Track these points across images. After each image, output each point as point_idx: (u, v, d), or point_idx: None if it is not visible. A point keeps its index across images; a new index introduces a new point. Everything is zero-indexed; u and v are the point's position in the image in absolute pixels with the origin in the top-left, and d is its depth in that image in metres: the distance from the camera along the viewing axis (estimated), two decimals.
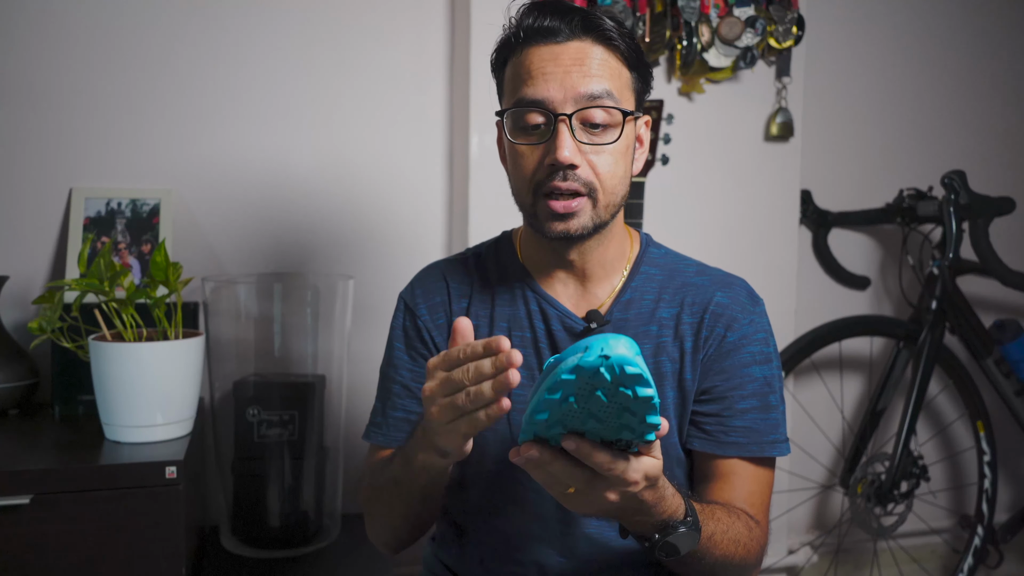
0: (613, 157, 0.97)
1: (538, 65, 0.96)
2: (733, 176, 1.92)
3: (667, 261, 1.10)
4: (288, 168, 1.80)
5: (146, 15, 1.71)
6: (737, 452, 1.03)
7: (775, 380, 1.06)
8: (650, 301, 1.06)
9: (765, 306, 1.09)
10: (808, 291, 2.22)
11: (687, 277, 1.08)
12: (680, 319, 1.05)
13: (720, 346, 1.04)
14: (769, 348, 1.07)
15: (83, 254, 1.37)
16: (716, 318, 1.04)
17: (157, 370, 1.33)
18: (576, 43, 0.96)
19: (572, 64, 0.95)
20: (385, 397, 1.13)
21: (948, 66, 2.38)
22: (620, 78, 0.98)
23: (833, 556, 2.30)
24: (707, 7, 1.78)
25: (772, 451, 1.04)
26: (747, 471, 1.03)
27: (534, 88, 0.96)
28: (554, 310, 1.06)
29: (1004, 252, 2.08)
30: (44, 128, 1.67)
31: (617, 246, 1.07)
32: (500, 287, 1.10)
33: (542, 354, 1.06)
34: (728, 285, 1.07)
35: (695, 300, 1.05)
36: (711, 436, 1.04)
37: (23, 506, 1.19)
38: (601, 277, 1.07)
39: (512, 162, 1.01)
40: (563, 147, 0.94)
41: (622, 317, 1.05)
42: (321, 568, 1.55)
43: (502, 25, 1.01)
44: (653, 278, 1.08)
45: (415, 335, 1.11)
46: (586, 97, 0.94)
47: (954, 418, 2.45)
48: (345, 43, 1.82)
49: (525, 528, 1.08)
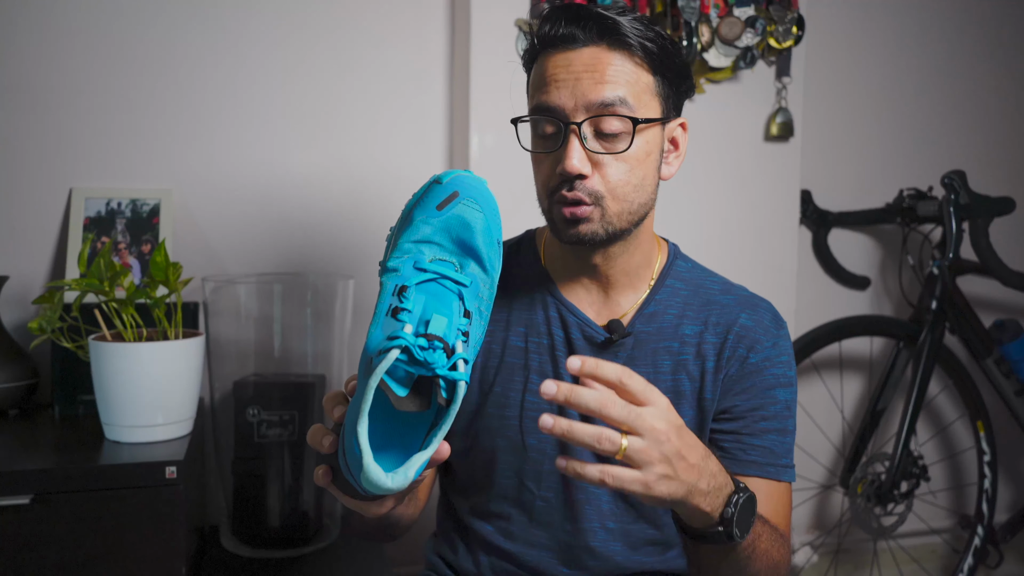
0: (627, 165, 0.95)
1: (552, 72, 0.95)
2: (733, 176, 1.92)
3: (693, 276, 1.09)
4: (288, 168, 1.80)
5: (146, 15, 1.71)
6: (755, 472, 1.02)
7: (793, 405, 1.05)
8: (674, 316, 1.05)
9: (788, 330, 1.08)
10: (808, 291, 2.22)
11: (712, 295, 1.07)
12: (703, 338, 1.04)
13: (742, 367, 1.03)
14: (791, 372, 1.05)
15: (83, 254, 1.37)
16: (739, 339, 1.03)
17: (157, 370, 1.33)
18: (591, 49, 0.94)
19: (584, 71, 0.93)
20: None
21: (948, 66, 2.38)
22: (638, 84, 0.95)
23: (833, 556, 2.30)
24: (707, 7, 1.78)
25: (784, 475, 1.03)
26: (767, 491, 1.02)
27: (547, 96, 0.95)
28: (574, 318, 1.04)
29: (1004, 252, 2.08)
30: (44, 128, 1.67)
31: (643, 255, 1.05)
32: (519, 290, 1.08)
33: (559, 362, 1.04)
34: (753, 307, 1.06)
35: (719, 320, 1.04)
36: (729, 454, 1.03)
37: (23, 506, 1.19)
38: (625, 285, 1.05)
39: (533, 168, 1.01)
40: (571, 157, 0.93)
41: (644, 330, 1.04)
42: (321, 568, 1.55)
43: (518, 29, 1.02)
44: (678, 292, 1.06)
45: None
46: (597, 105, 0.93)
47: (954, 418, 2.45)
48: (345, 43, 1.82)
49: (530, 535, 1.08)
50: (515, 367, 1.06)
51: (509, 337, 1.07)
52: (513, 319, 1.07)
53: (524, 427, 1.05)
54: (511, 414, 1.05)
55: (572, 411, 1.04)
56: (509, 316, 1.08)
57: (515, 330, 1.07)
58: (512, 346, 1.07)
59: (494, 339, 1.07)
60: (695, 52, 1.79)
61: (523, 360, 1.06)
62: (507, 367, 1.06)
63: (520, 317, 1.07)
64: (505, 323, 1.07)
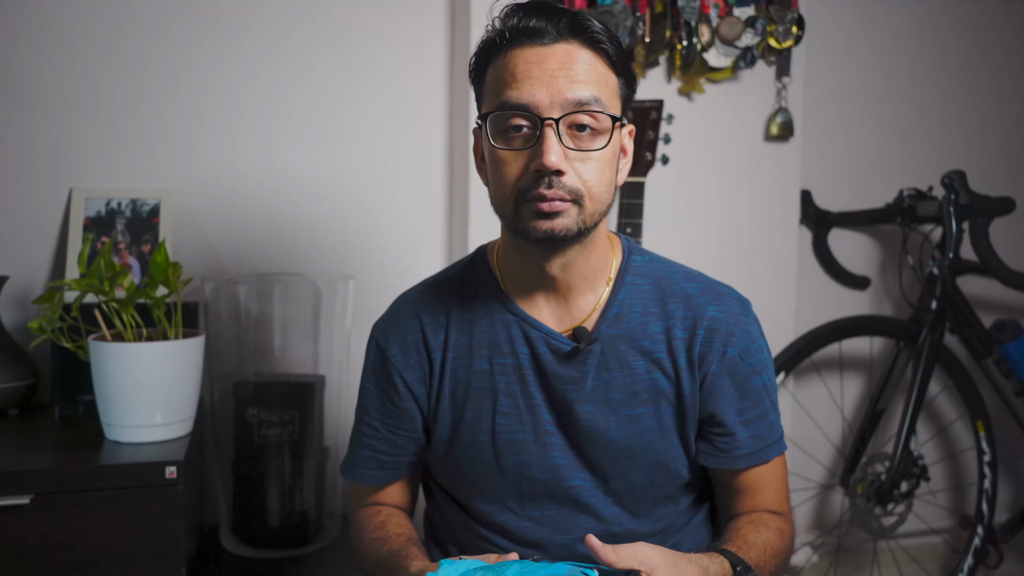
0: (600, 164, 0.93)
1: (523, 68, 0.91)
2: (733, 176, 1.92)
3: (652, 269, 1.06)
4: (288, 168, 1.80)
5: (146, 16, 1.71)
6: (750, 463, 1.05)
7: (771, 382, 1.06)
8: (639, 314, 1.02)
9: (752, 305, 1.07)
10: (808, 291, 2.22)
11: (674, 285, 1.04)
12: (671, 333, 1.02)
13: (722, 363, 1.02)
14: (764, 353, 1.06)
15: (83, 254, 1.37)
16: (712, 334, 1.01)
17: (157, 370, 1.33)
18: (563, 45, 0.91)
19: (559, 68, 0.91)
20: (355, 435, 1.13)
21: (948, 66, 2.38)
22: (607, 84, 0.94)
23: (833, 556, 2.30)
24: (707, 7, 1.78)
25: (774, 452, 1.06)
26: (765, 475, 1.05)
27: (519, 91, 0.91)
28: (537, 332, 1.01)
29: (1004, 252, 2.08)
30: (44, 128, 1.67)
31: (600, 256, 1.02)
32: (478, 312, 1.05)
33: (527, 380, 1.02)
34: (718, 296, 1.04)
35: (686, 314, 1.02)
36: (724, 453, 1.04)
37: (23, 506, 1.19)
38: (584, 289, 1.02)
39: (493, 169, 0.95)
40: (550, 152, 0.89)
41: (610, 333, 1.01)
42: (321, 568, 1.55)
43: (485, 27, 0.96)
44: (639, 288, 1.04)
45: (385, 378, 1.07)
46: (573, 103, 0.90)
47: (954, 418, 2.45)
48: (345, 43, 1.82)
49: (526, 554, 1.07)
50: (483, 391, 1.03)
51: (474, 362, 1.04)
52: (475, 343, 1.04)
53: (498, 451, 1.03)
54: (483, 439, 1.04)
55: (553, 438, 1.04)
56: (471, 340, 1.04)
57: (478, 354, 1.03)
58: (477, 370, 1.04)
59: (458, 366, 1.04)
60: (695, 52, 1.79)
61: (490, 383, 1.03)
62: (475, 392, 1.04)
63: (482, 339, 1.03)
64: (468, 348, 1.04)
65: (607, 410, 1.01)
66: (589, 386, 1.01)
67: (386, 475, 1.12)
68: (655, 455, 1.03)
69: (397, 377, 1.06)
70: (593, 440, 1.02)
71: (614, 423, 1.01)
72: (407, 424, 1.08)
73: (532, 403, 1.02)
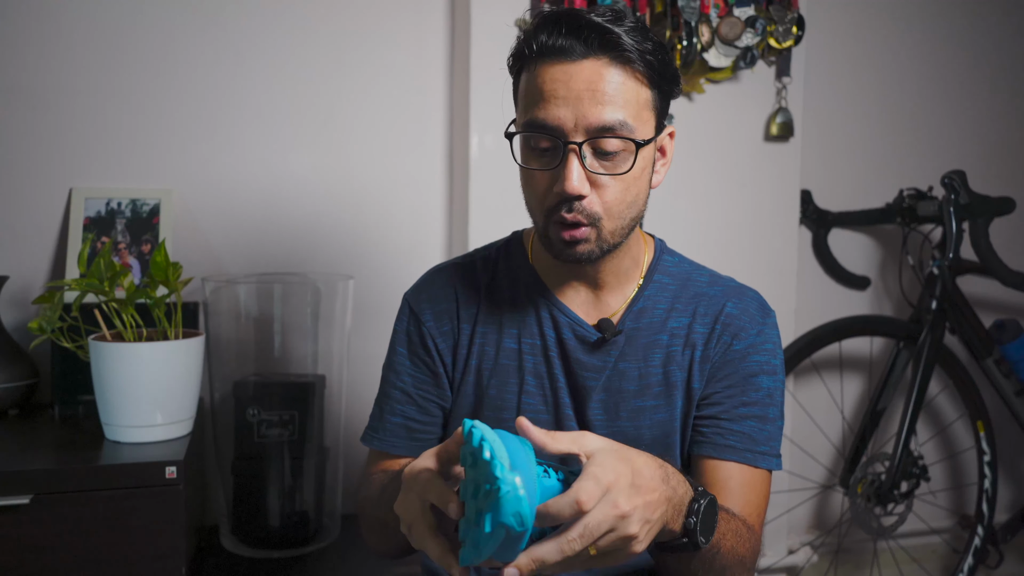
0: (624, 184, 0.94)
1: (550, 87, 0.91)
2: (733, 176, 1.92)
3: (680, 270, 1.09)
4: (288, 168, 1.80)
5: (146, 15, 1.71)
6: (732, 456, 1.01)
7: (777, 393, 1.05)
8: (662, 311, 1.05)
9: (776, 319, 1.08)
10: (808, 291, 2.22)
11: (700, 287, 1.07)
12: (692, 329, 1.04)
13: (726, 353, 1.04)
14: (776, 360, 1.06)
15: (83, 254, 1.37)
16: (725, 327, 1.04)
17: (157, 370, 1.33)
18: (591, 62, 0.90)
19: (584, 89, 0.90)
20: (384, 401, 1.12)
21: (948, 66, 2.38)
22: (638, 102, 0.92)
23: (833, 556, 2.30)
24: (707, 7, 1.78)
25: (762, 462, 1.01)
26: (744, 478, 1.01)
27: (544, 112, 0.91)
28: (565, 318, 1.05)
29: (1004, 252, 2.08)
30: (44, 128, 1.67)
31: (631, 258, 1.06)
32: (510, 292, 1.08)
33: (552, 363, 1.05)
34: (740, 295, 1.07)
35: (707, 311, 1.05)
36: (707, 439, 1.03)
37: (23, 506, 1.19)
38: (615, 286, 1.05)
39: (523, 182, 0.99)
40: (571, 178, 0.90)
41: (634, 327, 1.04)
42: (321, 568, 1.55)
43: (518, 29, 0.97)
44: (666, 287, 1.07)
45: (418, 341, 1.09)
46: (597, 127, 0.90)
47: (954, 418, 2.45)
48: (345, 43, 1.82)
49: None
50: (510, 369, 1.06)
51: (503, 339, 1.07)
52: (505, 321, 1.07)
53: None
54: (507, 416, 1.05)
55: (571, 422, 1.04)
56: (501, 318, 1.07)
57: (508, 332, 1.07)
58: (506, 348, 1.07)
59: (487, 342, 1.07)
60: (695, 52, 1.79)
61: (517, 362, 1.06)
62: (502, 369, 1.06)
63: (512, 319, 1.07)
64: (498, 325, 1.07)
65: (619, 399, 1.04)
66: (606, 375, 1.03)
67: (415, 447, 1.10)
68: (663, 449, 1.04)
69: (431, 342, 1.08)
70: (603, 429, 1.03)
71: (624, 413, 1.04)
72: (437, 391, 1.09)
73: (556, 386, 1.05)
